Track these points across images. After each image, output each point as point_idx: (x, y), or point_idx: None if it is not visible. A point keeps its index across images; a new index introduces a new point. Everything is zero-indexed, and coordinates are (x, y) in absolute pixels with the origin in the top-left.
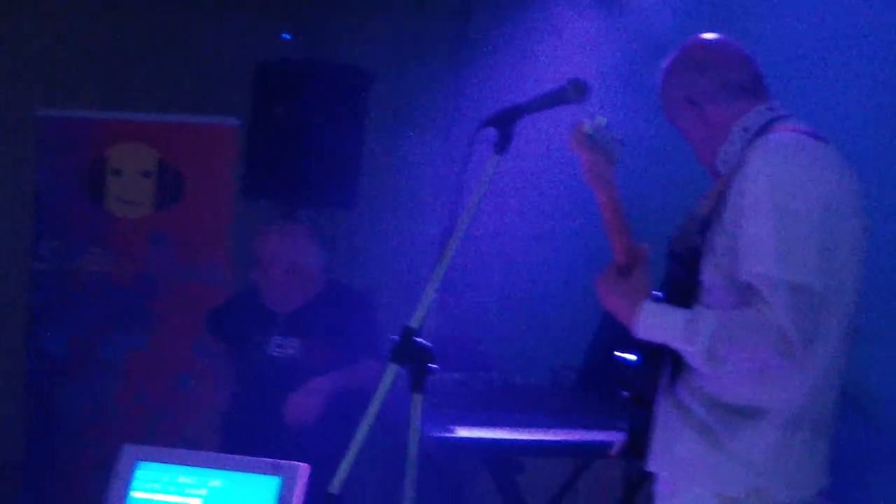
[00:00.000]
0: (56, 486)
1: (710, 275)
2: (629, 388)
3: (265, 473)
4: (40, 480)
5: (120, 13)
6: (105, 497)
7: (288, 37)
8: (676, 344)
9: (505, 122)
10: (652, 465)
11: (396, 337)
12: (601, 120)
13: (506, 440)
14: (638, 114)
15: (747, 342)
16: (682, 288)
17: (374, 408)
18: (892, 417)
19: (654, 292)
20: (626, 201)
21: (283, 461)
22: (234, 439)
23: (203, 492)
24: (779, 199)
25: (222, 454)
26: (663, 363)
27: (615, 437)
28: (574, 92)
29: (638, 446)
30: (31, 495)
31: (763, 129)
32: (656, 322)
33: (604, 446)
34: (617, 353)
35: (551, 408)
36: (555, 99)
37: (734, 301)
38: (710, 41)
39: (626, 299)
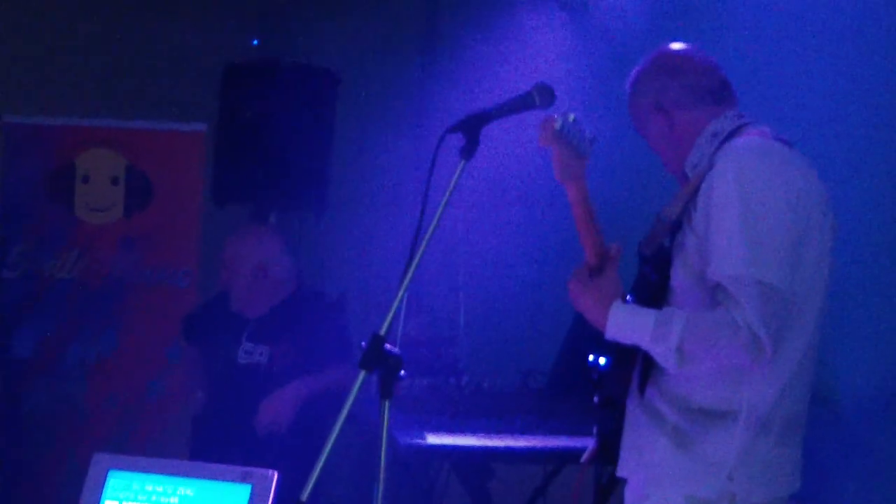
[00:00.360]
0: (24, 490)
1: (680, 277)
2: (600, 392)
3: (236, 481)
4: (8, 485)
5: (86, 19)
6: None
7: (256, 42)
8: (647, 344)
9: (471, 127)
10: (623, 471)
11: (365, 343)
12: (570, 116)
13: (476, 446)
14: (606, 117)
15: (717, 341)
16: (652, 290)
17: (343, 414)
18: (859, 415)
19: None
20: (595, 204)
21: (254, 469)
22: (205, 445)
23: (174, 500)
24: (747, 200)
25: (193, 462)
26: (633, 367)
27: (585, 443)
28: (540, 97)
29: (609, 451)
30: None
31: (731, 135)
32: (627, 322)
33: (574, 452)
34: (590, 357)
35: (521, 413)
36: (521, 104)
37: (704, 302)
38: (677, 50)
39: (597, 300)
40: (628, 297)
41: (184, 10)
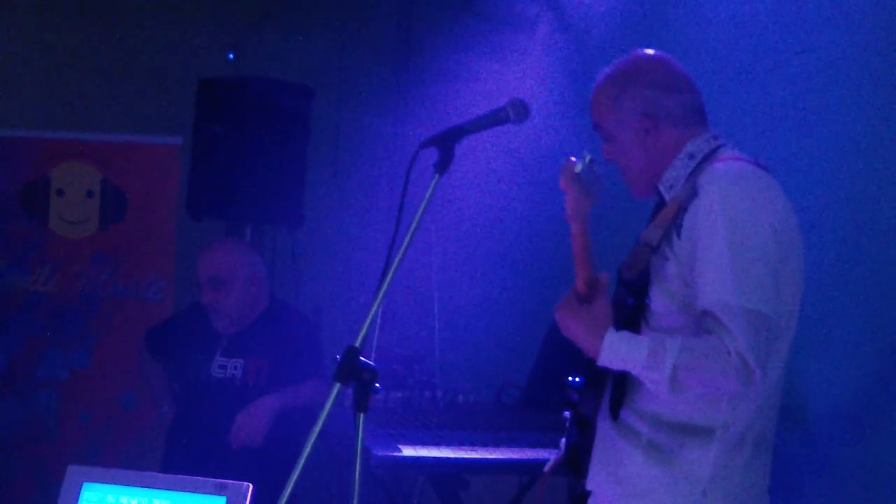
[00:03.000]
0: None
1: (660, 301)
2: (572, 408)
3: (210, 493)
4: None
5: (62, 32)
6: None
7: (232, 56)
8: (639, 371)
9: (446, 141)
10: (593, 484)
11: (340, 356)
12: (587, 157)
13: (451, 458)
14: (581, 130)
15: (710, 370)
16: (628, 313)
17: (317, 427)
18: (827, 431)
19: None
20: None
21: (228, 481)
22: (177, 459)
23: None
24: (734, 229)
25: (168, 475)
26: (605, 386)
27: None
28: (514, 112)
29: (576, 463)
30: None
31: (708, 157)
32: (621, 351)
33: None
34: (570, 377)
35: (496, 426)
36: (495, 119)
37: (686, 326)
38: (669, 61)
39: (590, 328)
40: None
41: (160, 23)
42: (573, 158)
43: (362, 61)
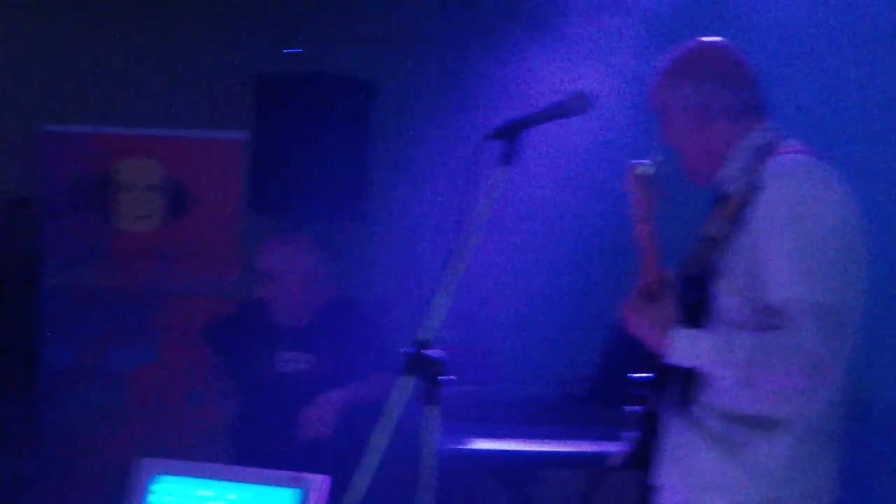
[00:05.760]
0: (61, 501)
1: (726, 296)
2: (641, 403)
3: (285, 486)
4: (45, 495)
5: (124, 27)
6: None
7: (291, 51)
8: (710, 368)
9: (510, 133)
10: (662, 478)
11: (408, 349)
12: (658, 158)
13: (519, 452)
14: (642, 121)
15: (782, 366)
16: (693, 308)
17: (388, 420)
18: (890, 422)
19: None
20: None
21: (303, 473)
22: (244, 455)
23: None
24: (800, 222)
25: (241, 467)
26: (673, 381)
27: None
28: (578, 104)
29: (643, 458)
30: None
31: (766, 149)
32: (690, 348)
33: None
34: (633, 375)
35: (563, 419)
36: (559, 111)
37: (754, 321)
38: (732, 51)
39: (658, 326)
40: None
41: (223, 18)
42: (644, 161)
43: (424, 53)
